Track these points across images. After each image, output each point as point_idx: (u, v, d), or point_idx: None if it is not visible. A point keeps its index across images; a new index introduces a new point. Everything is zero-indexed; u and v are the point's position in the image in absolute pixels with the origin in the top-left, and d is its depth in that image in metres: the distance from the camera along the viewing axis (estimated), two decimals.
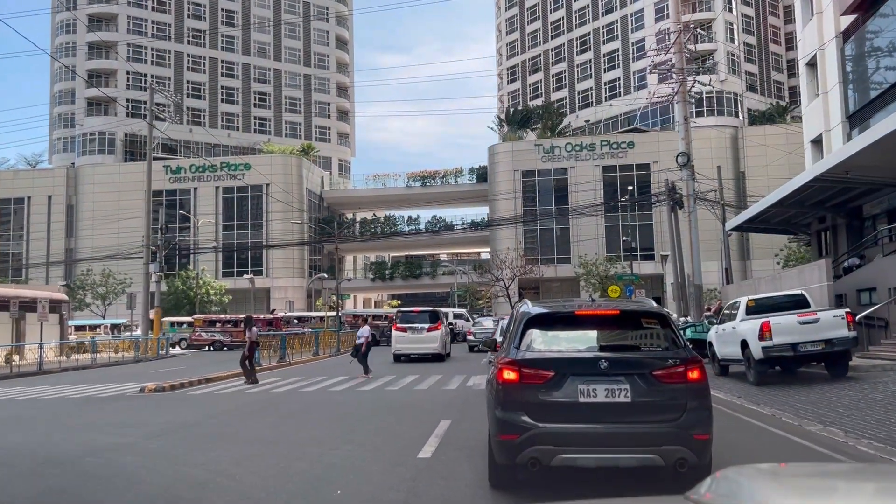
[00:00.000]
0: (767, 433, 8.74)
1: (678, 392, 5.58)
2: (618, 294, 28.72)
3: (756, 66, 67.85)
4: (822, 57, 23.35)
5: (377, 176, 69.60)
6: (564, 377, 5.58)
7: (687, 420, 5.50)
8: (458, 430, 9.12)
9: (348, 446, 8.21)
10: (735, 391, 12.59)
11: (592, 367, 5.62)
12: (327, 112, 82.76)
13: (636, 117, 64.20)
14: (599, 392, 5.52)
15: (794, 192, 19.11)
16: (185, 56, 74.65)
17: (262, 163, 63.44)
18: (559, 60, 76.52)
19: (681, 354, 5.74)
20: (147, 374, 21.47)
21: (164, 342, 32.04)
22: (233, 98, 77.07)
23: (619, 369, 5.60)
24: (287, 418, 11.06)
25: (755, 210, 23.30)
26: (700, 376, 5.69)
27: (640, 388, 5.54)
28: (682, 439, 5.44)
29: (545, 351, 5.88)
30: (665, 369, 5.62)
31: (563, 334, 6.11)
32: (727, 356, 14.70)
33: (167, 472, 7.10)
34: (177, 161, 65.53)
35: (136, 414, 12.02)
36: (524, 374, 5.66)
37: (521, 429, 5.52)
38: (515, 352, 5.86)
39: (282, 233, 61.22)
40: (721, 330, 15.00)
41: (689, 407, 5.56)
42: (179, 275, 57.66)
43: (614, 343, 6.10)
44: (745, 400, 11.42)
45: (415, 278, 68.38)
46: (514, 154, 60.23)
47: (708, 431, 5.61)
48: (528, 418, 5.53)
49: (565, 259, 58.25)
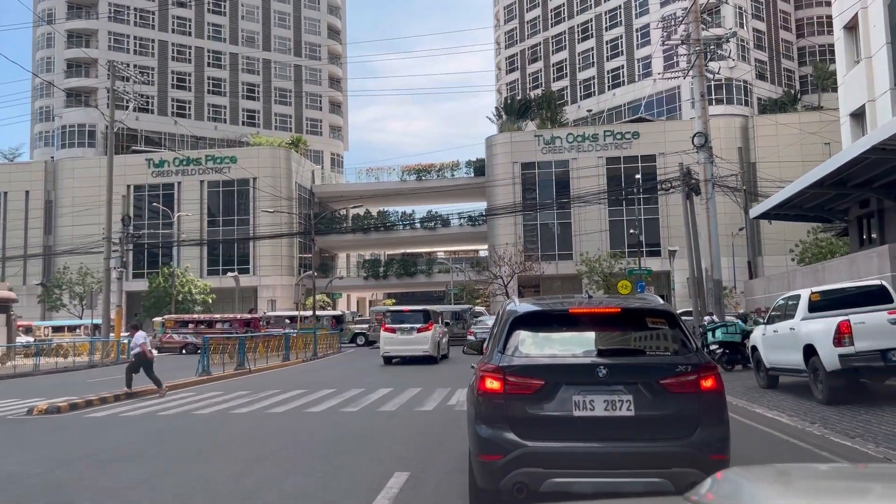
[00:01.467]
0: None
1: (690, 404, 4.88)
2: (629, 290, 25.78)
3: (765, 54, 64.81)
4: (864, 16, 20.37)
5: (370, 170, 66.75)
6: (556, 387, 4.90)
7: (701, 438, 4.80)
8: (419, 495, 6.01)
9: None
10: (801, 412, 9.62)
11: (589, 376, 4.93)
12: (319, 104, 79.58)
13: (641, 106, 61.15)
14: (597, 404, 4.87)
15: (842, 167, 16.14)
16: (169, 45, 71.50)
17: (249, 156, 60.48)
18: (560, 49, 73.38)
19: (692, 360, 5.01)
20: (82, 384, 18.53)
21: (125, 345, 28.82)
22: (220, 89, 73.92)
23: (620, 378, 4.92)
24: (166, 461, 7.98)
25: (788, 193, 20.30)
26: (715, 385, 4.98)
27: (646, 399, 4.87)
28: (695, 461, 4.69)
29: (534, 356, 5.15)
30: (674, 377, 4.91)
31: (555, 336, 5.38)
32: (780, 364, 11.67)
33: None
34: (160, 154, 62.51)
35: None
36: (509, 384, 4.94)
37: (505, 448, 4.83)
38: (499, 357, 5.12)
39: (270, 229, 58.36)
40: (771, 331, 11.91)
41: (704, 422, 4.86)
42: (161, 272, 54.77)
43: (615, 347, 5.37)
44: (827, 428, 8.40)
45: (409, 276, 65.49)
46: (513, 145, 57.30)
47: (725, 451, 4.89)
48: (514, 435, 4.84)
49: (567, 255, 55.40)
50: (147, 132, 69.13)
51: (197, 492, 6.57)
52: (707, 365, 5.03)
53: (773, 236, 48.39)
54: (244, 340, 20.76)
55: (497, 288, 49.26)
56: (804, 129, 53.58)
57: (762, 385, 12.30)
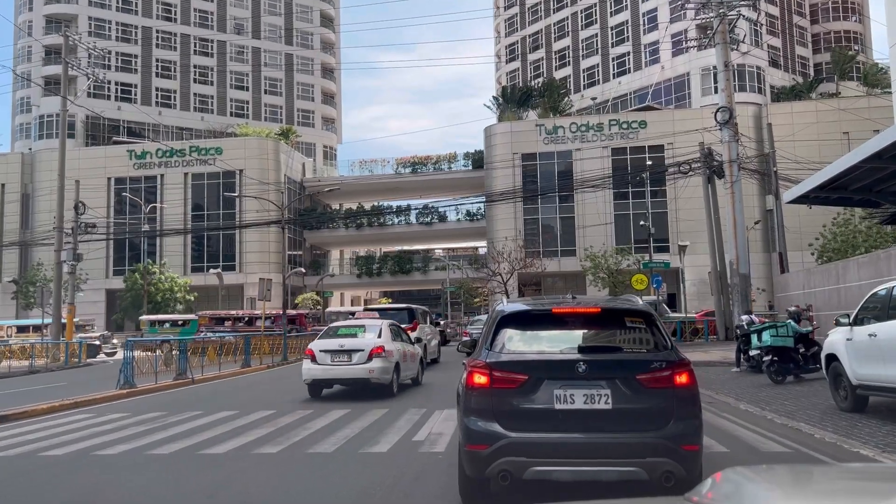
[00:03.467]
0: None
1: (664, 398, 5.16)
2: (644, 285, 22.69)
3: (779, 40, 61.63)
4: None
5: (364, 162, 63.74)
6: (539, 382, 5.20)
7: (674, 429, 5.09)
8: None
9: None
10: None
11: (570, 371, 5.20)
12: (311, 94, 76.36)
13: (648, 94, 58.00)
14: (577, 398, 5.14)
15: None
16: (153, 31, 68.34)
17: (236, 146, 57.45)
18: (562, 36, 70.12)
19: (667, 357, 5.32)
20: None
21: (74, 347, 25.63)
22: (207, 78, 70.77)
23: (599, 373, 5.20)
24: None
25: (836, 170, 17.11)
26: (689, 381, 5.26)
27: (623, 393, 5.15)
28: (668, 451, 5.02)
29: (519, 353, 5.48)
30: (649, 373, 5.21)
31: (539, 334, 5.68)
32: (878, 381, 8.48)
33: None
34: (142, 145, 59.44)
35: None
36: (495, 378, 5.26)
37: (490, 438, 5.13)
38: (487, 353, 5.46)
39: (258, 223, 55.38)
40: (864, 335, 8.71)
41: (677, 415, 5.13)
42: (138, 268, 51.78)
43: (594, 344, 5.61)
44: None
45: (404, 274, 62.44)
46: (514, 135, 54.21)
47: (697, 442, 5.19)
48: (499, 427, 5.15)
49: (570, 252, 52.40)
50: (130, 123, 65.99)
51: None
52: (681, 362, 5.28)
53: (791, 230, 45.33)
54: (185, 344, 17.45)
55: (496, 286, 46.25)
56: (821, 117, 50.57)
57: (844, 408, 9.22)
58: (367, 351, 13.43)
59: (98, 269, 57.13)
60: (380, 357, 13.45)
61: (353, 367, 13.40)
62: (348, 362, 13.46)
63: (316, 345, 13.97)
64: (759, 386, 13.34)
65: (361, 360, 13.38)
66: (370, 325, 14.83)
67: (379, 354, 13.46)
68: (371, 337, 14.04)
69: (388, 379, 13.59)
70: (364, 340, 13.91)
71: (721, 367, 17.26)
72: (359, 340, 13.97)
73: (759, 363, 14.29)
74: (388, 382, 13.61)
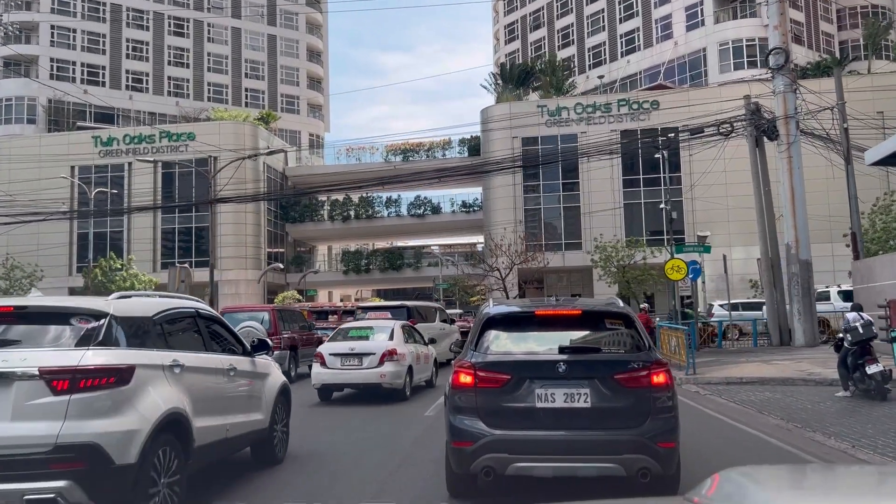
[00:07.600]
0: None
1: (641, 397, 5.35)
2: (682, 275, 17.72)
3: (801, 14, 56.63)
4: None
5: (351, 149, 58.75)
6: (521, 381, 5.43)
7: (651, 427, 5.28)
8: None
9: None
10: None
11: (551, 371, 5.44)
12: (296, 79, 71.27)
13: (660, 73, 53.06)
14: (558, 397, 5.37)
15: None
16: (123, 9, 63.26)
17: (210, 131, 52.44)
18: (565, 13, 65.02)
19: (644, 357, 5.51)
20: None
21: None
22: (182, 60, 65.68)
23: (578, 373, 5.42)
24: None
25: None
26: (666, 380, 5.42)
27: (601, 392, 5.36)
28: (644, 448, 5.23)
29: (503, 353, 5.70)
30: (627, 373, 5.40)
31: (522, 335, 5.92)
32: None
33: None
34: (108, 131, 54.59)
35: None
36: (479, 378, 5.49)
37: (474, 436, 5.38)
38: (472, 354, 5.68)
39: (233, 214, 50.73)
40: None
41: (653, 413, 5.33)
42: (99, 264, 46.93)
43: (575, 345, 5.83)
44: None
45: (395, 270, 57.60)
46: (513, 117, 49.27)
47: (673, 440, 5.37)
48: (483, 425, 5.39)
49: (575, 245, 47.67)
50: (97, 108, 61.02)
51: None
52: (658, 362, 5.49)
53: (814, 221, 40.50)
54: None
55: (494, 282, 41.38)
56: (851, 97, 45.71)
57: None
58: (379, 355, 12.93)
59: (60, 265, 52.55)
60: (392, 361, 12.96)
61: (364, 371, 12.95)
62: (359, 366, 13.02)
63: (325, 348, 13.58)
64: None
65: (372, 364, 12.93)
66: (382, 326, 14.42)
67: (391, 358, 12.96)
68: (383, 339, 13.50)
69: (400, 383, 13.09)
70: (375, 343, 13.41)
71: (807, 388, 12.37)
72: (370, 343, 13.47)
73: (881, 387, 9.42)
74: (400, 387, 13.11)
